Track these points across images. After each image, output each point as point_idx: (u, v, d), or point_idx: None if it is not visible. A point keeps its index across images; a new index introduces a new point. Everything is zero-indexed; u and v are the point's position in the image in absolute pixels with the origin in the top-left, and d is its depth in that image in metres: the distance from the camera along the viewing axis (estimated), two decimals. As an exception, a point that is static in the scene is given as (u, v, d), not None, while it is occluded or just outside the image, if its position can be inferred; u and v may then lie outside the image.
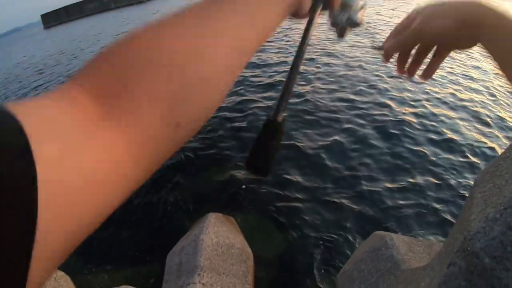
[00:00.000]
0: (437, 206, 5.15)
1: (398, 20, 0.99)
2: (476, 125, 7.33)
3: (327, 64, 10.98)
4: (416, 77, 1.07)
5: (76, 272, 4.67)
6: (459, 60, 10.57)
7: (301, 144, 6.95)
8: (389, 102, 8.18)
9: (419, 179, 5.67)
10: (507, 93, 8.41)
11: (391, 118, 7.53)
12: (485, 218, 1.27)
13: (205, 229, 4.11)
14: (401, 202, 5.27)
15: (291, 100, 8.59)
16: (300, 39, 0.72)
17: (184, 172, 6.57)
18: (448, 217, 4.93)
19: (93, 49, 25.24)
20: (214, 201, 5.63)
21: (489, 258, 1.11)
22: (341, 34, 0.89)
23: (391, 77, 9.29)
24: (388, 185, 5.59)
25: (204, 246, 3.88)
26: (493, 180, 1.53)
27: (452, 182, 5.61)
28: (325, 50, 12.20)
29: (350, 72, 10.15)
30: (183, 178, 6.37)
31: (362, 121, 7.49)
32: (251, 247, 4.26)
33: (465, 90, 8.89)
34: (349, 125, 7.39)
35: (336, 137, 7.05)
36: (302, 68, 10.15)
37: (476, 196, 1.53)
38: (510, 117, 7.60)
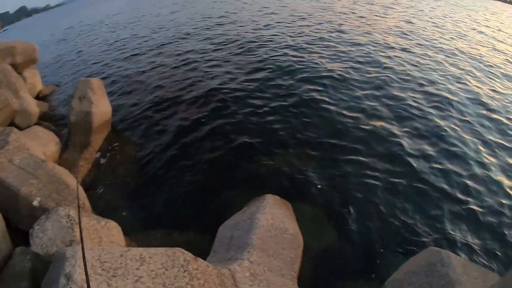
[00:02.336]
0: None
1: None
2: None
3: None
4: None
5: (130, 226, 5.09)
6: None
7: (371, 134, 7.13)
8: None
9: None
10: None
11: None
12: None
13: (262, 208, 4.33)
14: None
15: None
16: None
17: (246, 149, 6.76)
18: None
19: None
20: (273, 183, 5.76)
21: None
22: None
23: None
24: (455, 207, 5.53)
25: (259, 225, 4.10)
26: None
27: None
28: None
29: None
30: (246, 156, 6.57)
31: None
32: (303, 235, 4.41)
33: None
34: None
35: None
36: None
37: None
38: None
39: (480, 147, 7.05)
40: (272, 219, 4.25)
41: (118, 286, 2.25)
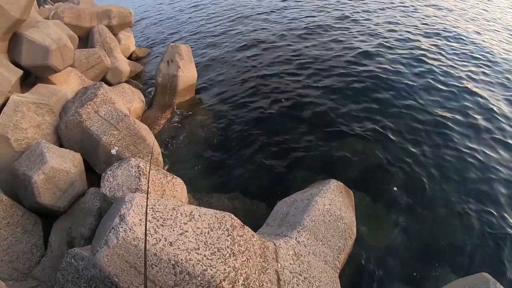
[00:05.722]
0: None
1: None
2: None
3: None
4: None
5: (196, 186, 5.50)
6: None
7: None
8: None
9: None
10: None
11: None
12: None
13: (323, 192, 4.32)
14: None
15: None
16: None
17: (324, 132, 6.68)
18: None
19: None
20: (341, 169, 5.68)
21: None
22: None
23: None
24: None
25: (315, 207, 4.12)
26: None
27: None
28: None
29: None
30: (322, 138, 6.51)
31: None
32: (358, 228, 4.34)
33: None
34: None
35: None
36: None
37: None
38: None
39: None
40: (330, 204, 4.24)
41: (164, 234, 2.46)
